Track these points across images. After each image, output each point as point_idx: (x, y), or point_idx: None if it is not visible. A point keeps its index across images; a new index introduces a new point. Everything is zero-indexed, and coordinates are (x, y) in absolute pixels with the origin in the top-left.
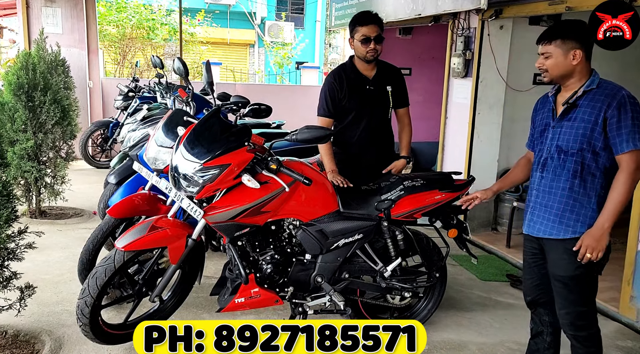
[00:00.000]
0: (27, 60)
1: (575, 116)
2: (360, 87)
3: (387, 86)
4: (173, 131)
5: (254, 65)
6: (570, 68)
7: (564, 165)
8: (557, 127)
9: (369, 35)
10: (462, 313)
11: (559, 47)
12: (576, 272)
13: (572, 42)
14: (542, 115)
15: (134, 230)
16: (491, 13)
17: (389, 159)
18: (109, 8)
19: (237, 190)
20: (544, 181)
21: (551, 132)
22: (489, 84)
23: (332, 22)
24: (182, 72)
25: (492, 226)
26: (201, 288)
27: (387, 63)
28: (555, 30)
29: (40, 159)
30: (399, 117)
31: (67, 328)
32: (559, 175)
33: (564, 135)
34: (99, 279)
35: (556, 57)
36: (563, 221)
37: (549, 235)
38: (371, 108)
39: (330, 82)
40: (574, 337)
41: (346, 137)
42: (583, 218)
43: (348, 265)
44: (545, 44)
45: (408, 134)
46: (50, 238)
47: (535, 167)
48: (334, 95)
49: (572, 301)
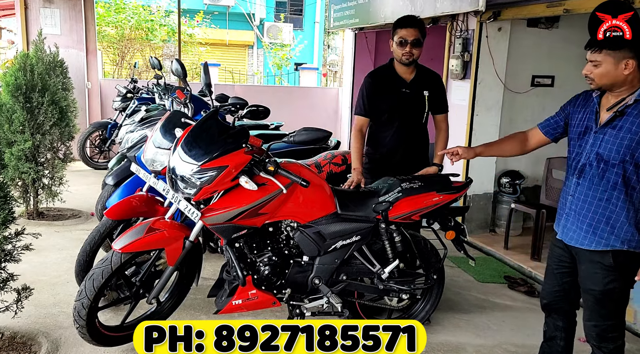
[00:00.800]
0: (25, 61)
1: (622, 125)
2: (396, 89)
3: (425, 91)
4: (171, 132)
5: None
6: (621, 78)
7: (602, 174)
8: (600, 134)
9: (406, 38)
10: (459, 314)
11: (610, 56)
12: (608, 286)
13: (624, 52)
14: (584, 115)
15: (131, 232)
16: (489, 15)
17: (421, 164)
18: (107, 9)
19: (234, 192)
20: (580, 188)
21: (592, 137)
22: (487, 86)
23: (330, 24)
24: (180, 74)
25: (490, 227)
26: (199, 290)
27: (427, 69)
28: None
29: (38, 160)
30: (436, 123)
31: (64, 329)
32: (596, 184)
33: (607, 143)
34: (96, 281)
35: (605, 66)
36: (596, 233)
37: (581, 245)
38: (405, 111)
39: (367, 81)
40: (598, 348)
41: (379, 137)
42: (618, 232)
43: (346, 266)
44: (594, 51)
45: (443, 141)
46: (47, 240)
47: (571, 171)
48: (370, 94)
49: (601, 314)
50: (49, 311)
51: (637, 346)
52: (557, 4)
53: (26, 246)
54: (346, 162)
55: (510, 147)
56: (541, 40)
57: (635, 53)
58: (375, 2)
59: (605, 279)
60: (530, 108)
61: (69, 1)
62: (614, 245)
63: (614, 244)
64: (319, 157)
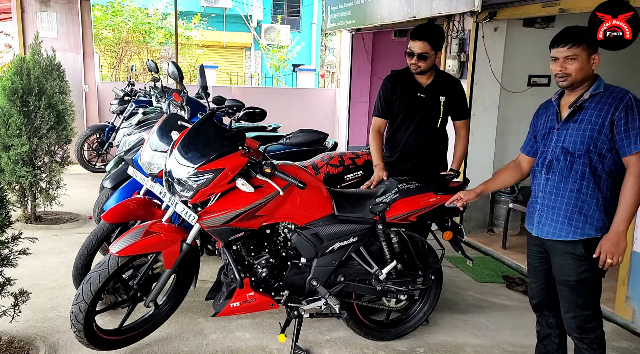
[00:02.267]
0: (22, 65)
1: (582, 118)
2: (412, 93)
3: (441, 96)
4: (167, 135)
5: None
6: (589, 73)
7: (570, 167)
8: (563, 129)
9: (413, 50)
10: (457, 315)
11: (585, 51)
12: (582, 276)
13: (592, 48)
14: (546, 118)
15: (128, 235)
16: (485, 15)
17: (438, 169)
18: (104, 12)
19: (231, 194)
20: (550, 183)
21: (556, 134)
22: (484, 86)
23: (327, 25)
24: (177, 76)
25: (488, 227)
26: (196, 293)
27: (446, 74)
28: (579, 33)
29: (35, 164)
30: (456, 129)
31: (62, 334)
32: (565, 177)
33: (570, 136)
34: (93, 285)
35: (581, 61)
36: (572, 223)
37: (558, 237)
38: (420, 115)
39: (385, 84)
40: (580, 339)
41: (394, 140)
42: (590, 220)
43: (343, 268)
44: (571, 46)
45: (462, 147)
46: (45, 243)
47: (538, 169)
48: (387, 96)
49: (578, 304)
50: (46, 315)
51: (635, 345)
52: (553, 3)
53: (23, 250)
54: (343, 164)
55: (509, 177)
56: (537, 40)
57: (597, 50)
58: (372, 3)
59: (579, 268)
60: (526, 107)
61: (65, 4)
62: (589, 233)
63: (589, 232)
64: (316, 159)
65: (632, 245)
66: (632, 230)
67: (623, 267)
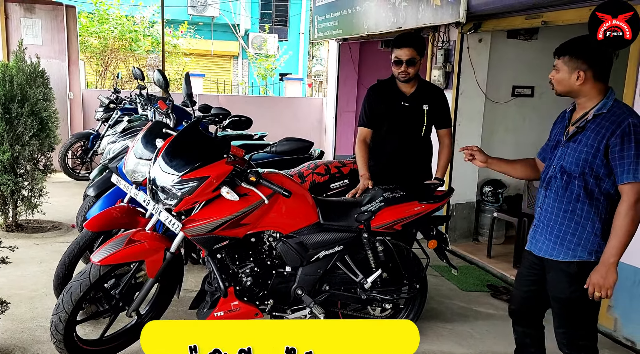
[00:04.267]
0: (5, 71)
1: (581, 139)
2: (396, 102)
3: (424, 105)
4: (152, 143)
5: (237, 77)
6: (574, 88)
7: (566, 186)
8: (565, 147)
9: (401, 57)
10: (442, 323)
11: (566, 64)
12: (573, 295)
13: (578, 62)
14: (558, 130)
15: (110, 244)
16: (470, 26)
17: (422, 177)
18: (90, 19)
19: (216, 203)
20: (547, 200)
21: (560, 151)
22: (469, 96)
23: (315, 34)
24: (162, 84)
25: (473, 236)
26: (180, 302)
27: (429, 83)
28: (566, 45)
29: (17, 171)
30: (439, 138)
31: (42, 344)
32: (561, 196)
33: (569, 156)
34: (74, 294)
35: (562, 73)
36: (564, 244)
37: (550, 256)
38: (404, 124)
39: (369, 94)
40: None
41: (379, 148)
42: (584, 243)
43: (328, 276)
44: (556, 57)
45: (445, 156)
46: (26, 252)
47: (540, 183)
48: (370, 106)
49: (570, 322)
50: (26, 326)
51: None
52: (536, 16)
53: (3, 259)
54: (329, 172)
55: (522, 170)
56: (521, 51)
57: (591, 65)
58: (359, 13)
59: (571, 287)
60: (510, 118)
61: (50, 11)
62: (582, 256)
63: (581, 255)
64: (302, 167)
65: None
66: None
67: None
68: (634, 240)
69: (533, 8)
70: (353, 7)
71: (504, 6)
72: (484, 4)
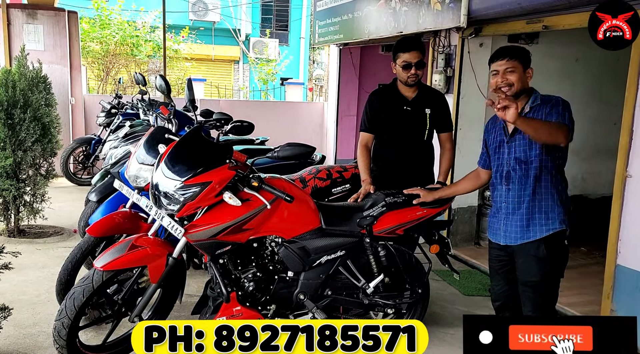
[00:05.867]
0: (7, 77)
1: None
2: (398, 106)
3: (426, 109)
4: (154, 148)
5: (238, 82)
6: (526, 84)
7: (527, 173)
8: (512, 142)
9: (410, 61)
10: (444, 328)
11: (521, 64)
12: (544, 277)
13: (525, 63)
14: (495, 134)
15: (113, 249)
16: (471, 31)
17: (424, 181)
18: (92, 25)
19: (218, 208)
20: (512, 192)
21: (507, 148)
22: (470, 100)
23: (315, 39)
24: (164, 89)
25: (475, 240)
26: (182, 307)
27: (430, 88)
28: (514, 49)
29: (19, 177)
30: (441, 142)
31: (44, 350)
32: (524, 184)
33: (519, 147)
34: (77, 300)
35: (519, 72)
36: (535, 223)
37: (527, 239)
38: (406, 129)
39: (371, 99)
40: None
41: (381, 154)
42: (552, 215)
43: (331, 281)
44: (509, 60)
45: (447, 159)
46: (28, 258)
47: (498, 181)
48: (373, 111)
49: (539, 304)
50: (28, 332)
51: None
52: (537, 20)
53: (5, 265)
54: (331, 177)
55: (469, 184)
56: None
57: (529, 64)
58: (359, 18)
59: (541, 270)
60: None
61: (52, 17)
62: (554, 227)
63: (554, 226)
64: (303, 172)
65: (616, 258)
66: (615, 243)
67: (607, 281)
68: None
69: (534, 13)
70: (354, 12)
71: (505, 11)
72: (484, 8)
